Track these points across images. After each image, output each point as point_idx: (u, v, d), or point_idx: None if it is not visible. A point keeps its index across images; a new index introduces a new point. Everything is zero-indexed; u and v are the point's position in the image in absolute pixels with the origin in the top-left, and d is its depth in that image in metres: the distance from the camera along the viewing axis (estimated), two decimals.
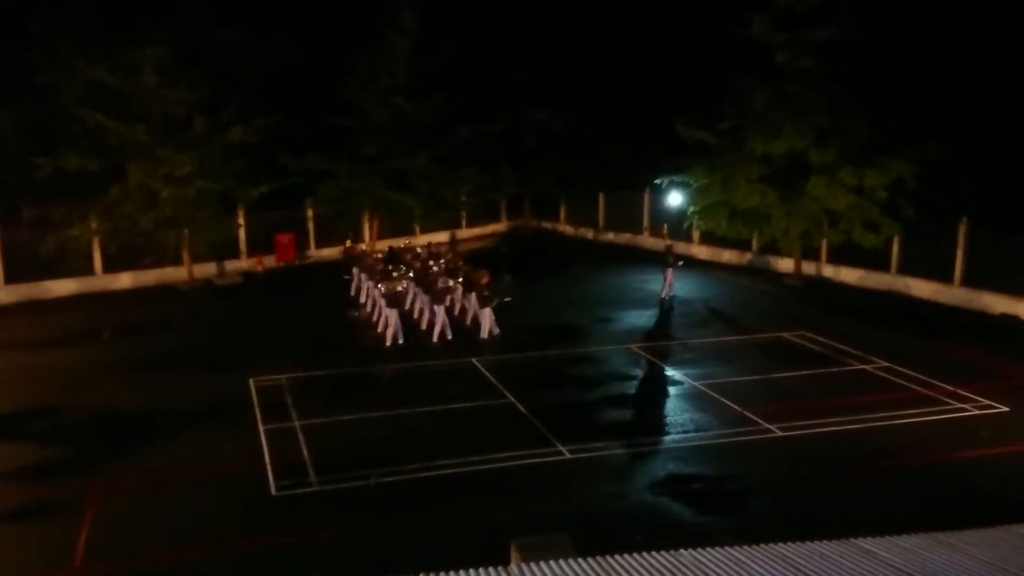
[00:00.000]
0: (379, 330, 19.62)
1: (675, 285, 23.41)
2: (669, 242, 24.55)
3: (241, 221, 28.02)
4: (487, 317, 19.26)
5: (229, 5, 29.44)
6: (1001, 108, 26.53)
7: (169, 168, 24.38)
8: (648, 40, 35.46)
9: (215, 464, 12.62)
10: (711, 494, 11.55)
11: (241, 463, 12.56)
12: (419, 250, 25.01)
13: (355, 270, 23.88)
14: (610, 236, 35.13)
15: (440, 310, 19.25)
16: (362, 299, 22.75)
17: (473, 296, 19.75)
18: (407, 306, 20.24)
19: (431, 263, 22.09)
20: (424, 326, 19.88)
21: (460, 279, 20.39)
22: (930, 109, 25.00)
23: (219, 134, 25.74)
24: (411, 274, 20.99)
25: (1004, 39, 26.46)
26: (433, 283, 19.92)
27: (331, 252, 31.11)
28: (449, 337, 19.19)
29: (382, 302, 19.42)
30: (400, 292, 19.48)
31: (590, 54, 35.84)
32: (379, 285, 19.54)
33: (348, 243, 27.93)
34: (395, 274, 20.14)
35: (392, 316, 18.86)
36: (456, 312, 20.70)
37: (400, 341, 18.88)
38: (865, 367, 17.13)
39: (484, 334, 19.24)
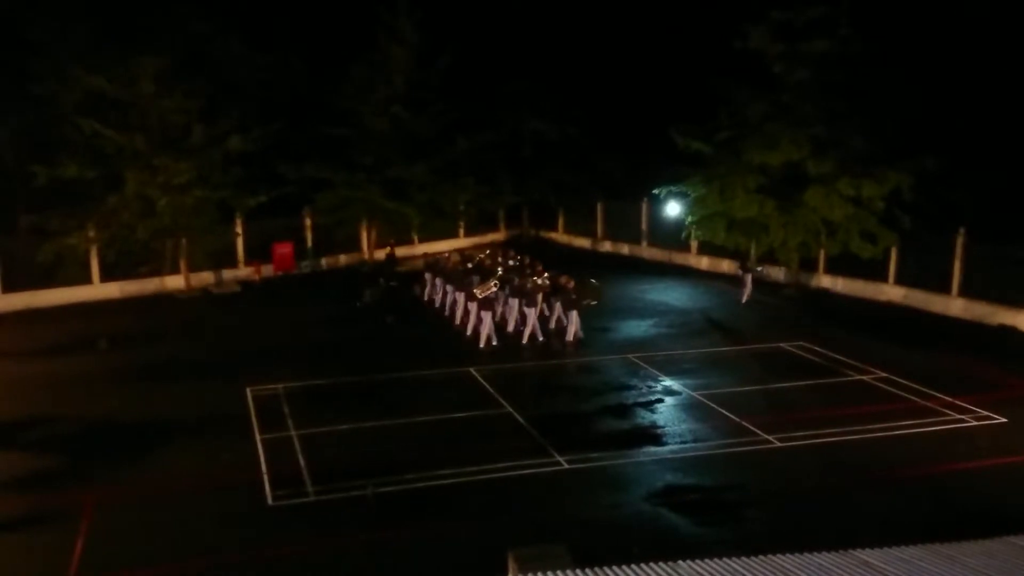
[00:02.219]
0: (469, 333, 20.16)
1: (749, 291, 24.38)
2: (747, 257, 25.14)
3: (239, 230, 28.01)
4: (574, 320, 19.90)
5: (228, 16, 29.52)
6: (998, 119, 26.60)
7: (167, 177, 24.39)
8: (646, 51, 35.58)
9: (211, 474, 12.57)
10: (709, 505, 11.51)
11: (238, 473, 12.50)
12: (499, 258, 25.21)
13: (428, 275, 24.51)
14: (608, 246, 35.16)
15: (531, 312, 19.84)
16: (437, 302, 23.53)
17: (559, 300, 20.47)
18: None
19: (511, 265, 22.72)
20: (510, 328, 20.45)
21: (547, 283, 20.86)
22: (927, 120, 25.08)
23: (217, 143, 25.77)
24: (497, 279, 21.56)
25: (1000, 50, 26.56)
26: (522, 287, 20.37)
27: (329, 261, 31.13)
28: (540, 338, 19.83)
29: (472, 306, 19.95)
30: (494, 295, 20.11)
31: (588, 65, 35.94)
32: (475, 289, 20.01)
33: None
34: (476, 279, 20.72)
35: (487, 319, 19.50)
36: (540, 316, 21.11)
37: (494, 343, 19.44)
38: (863, 378, 17.12)
39: (570, 336, 19.89)
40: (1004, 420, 14.55)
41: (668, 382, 16.90)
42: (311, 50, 32.58)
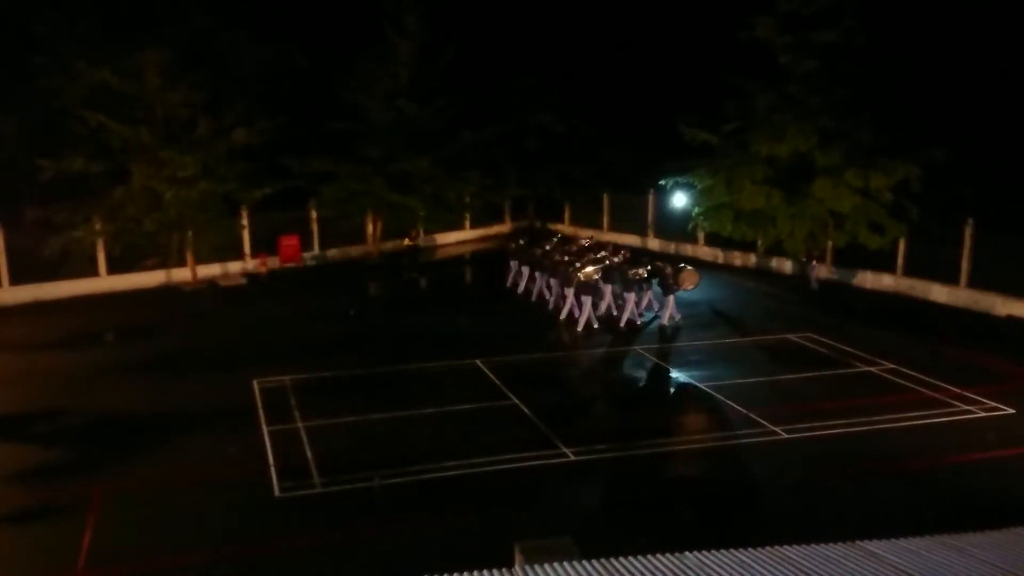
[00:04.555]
0: (566, 316, 20.77)
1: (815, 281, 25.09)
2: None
3: (245, 222, 28.04)
4: (670, 303, 20.79)
5: (232, 9, 29.44)
6: (1006, 110, 26.42)
7: (173, 170, 24.39)
8: (651, 43, 35.40)
9: (218, 466, 12.61)
10: (716, 496, 11.51)
11: (244, 465, 12.54)
12: (584, 242, 25.45)
13: (514, 263, 24.87)
14: (614, 237, 35.06)
15: (630, 297, 20.62)
16: (521, 288, 24.01)
17: (657, 285, 21.26)
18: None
19: (604, 254, 23.02)
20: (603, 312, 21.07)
21: (644, 271, 21.41)
22: (935, 111, 24.92)
23: (222, 136, 25.75)
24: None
25: (1009, 41, 26.35)
26: (623, 273, 20.90)
27: (334, 254, 31.16)
28: (639, 322, 20.72)
29: (569, 291, 20.58)
30: (594, 281, 20.75)
31: (593, 57, 35.80)
32: (579, 274, 20.58)
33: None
34: (577, 265, 21.22)
35: (587, 303, 20.23)
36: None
37: (595, 326, 20.20)
38: (871, 369, 17.07)
39: (665, 319, 20.79)
40: (1012, 411, 14.50)
41: (675, 374, 16.88)
42: (315, 43, 32.47)
